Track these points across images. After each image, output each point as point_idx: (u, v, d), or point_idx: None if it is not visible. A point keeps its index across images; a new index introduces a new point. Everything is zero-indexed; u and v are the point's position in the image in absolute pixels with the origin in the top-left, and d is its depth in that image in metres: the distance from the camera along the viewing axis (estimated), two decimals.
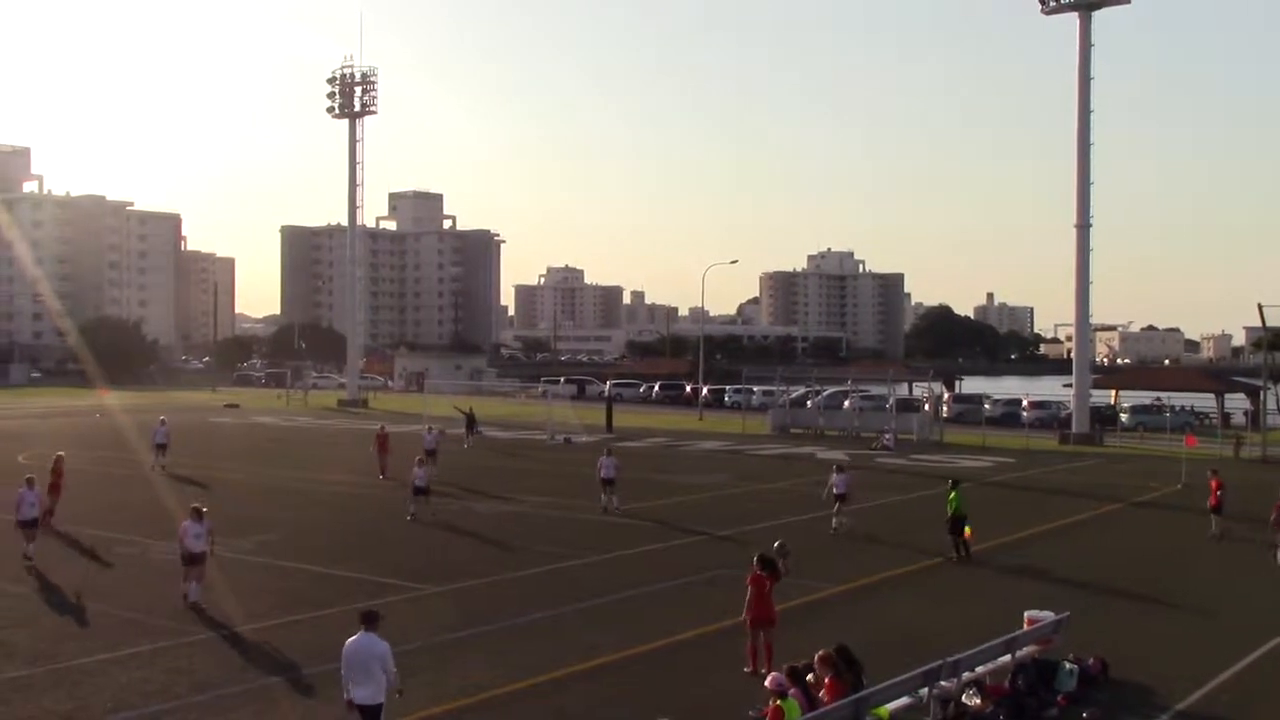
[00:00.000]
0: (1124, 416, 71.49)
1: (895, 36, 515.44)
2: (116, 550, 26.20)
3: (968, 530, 26.98)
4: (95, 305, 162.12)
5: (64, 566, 24.54)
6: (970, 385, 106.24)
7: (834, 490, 30.57)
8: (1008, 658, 15.75)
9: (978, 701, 15.06)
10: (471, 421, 55.90)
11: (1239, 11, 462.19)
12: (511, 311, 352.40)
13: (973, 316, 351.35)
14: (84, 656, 17.46)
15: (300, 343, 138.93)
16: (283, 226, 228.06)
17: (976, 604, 22.16)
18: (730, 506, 33.97)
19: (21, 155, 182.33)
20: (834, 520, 30.40)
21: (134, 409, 73.18)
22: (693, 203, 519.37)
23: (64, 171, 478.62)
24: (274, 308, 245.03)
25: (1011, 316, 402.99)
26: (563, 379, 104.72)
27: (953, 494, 27.32)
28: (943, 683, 14.34)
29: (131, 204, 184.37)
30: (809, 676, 13.55)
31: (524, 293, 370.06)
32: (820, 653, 13.99)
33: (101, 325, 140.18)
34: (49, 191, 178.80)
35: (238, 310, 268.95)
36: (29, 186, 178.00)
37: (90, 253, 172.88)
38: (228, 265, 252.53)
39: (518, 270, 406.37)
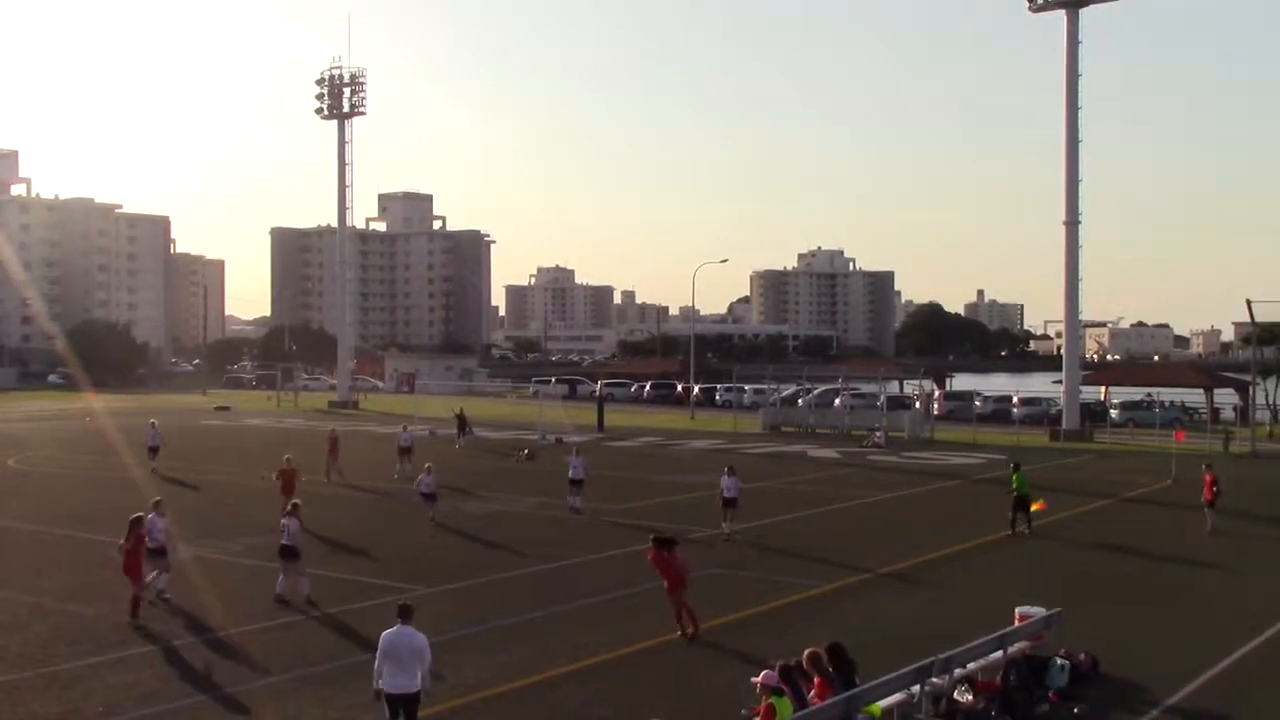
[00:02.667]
0: (1114, 412, 71.65)
1: (884, 35, 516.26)
2: (109, 554, 26.09)
3: (1036, 504, 30.02)
4: (84, 308, 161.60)
5: (56, 571, 24.48)
6: (961, 382, 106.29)
7: (724, 493, 28.80)
8: (999, 654, 15.77)
9: (969, 698, 15.09)
10: (463, 422, 55.82)
11: (1227, 7, 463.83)
12: (502, 312, 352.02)
13: (963, 314, 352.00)
14: (75, 660, 17.42)
15: (290, 345, 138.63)
16: (272, 228, 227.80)
17: (968, 600, 22.21)
18: (706, 502, 33.86)
19: (9, 158, 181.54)
20: (724, 527, 28.69)
21: (123, 412, 73.02)
22: (683, 202, 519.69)
23: (52, 174, 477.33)
24: (264, 310, 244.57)
25: (1002, 313, 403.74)
26: (554, 379, 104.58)
27: (1016, 475, 30.12)
28: (934, 679, 14.36)
29: (120, 206, 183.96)
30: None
31: (515, 293, 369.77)
32: (807, 651, 14.00)
33: (90, 328, 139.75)
34: (37, 194, 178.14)
35: (228, 312, 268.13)
36: (17, 189, 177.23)
37: (79, 255, 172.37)
38: (217, 267, 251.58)
39: (508, 270, 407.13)
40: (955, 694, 14.97)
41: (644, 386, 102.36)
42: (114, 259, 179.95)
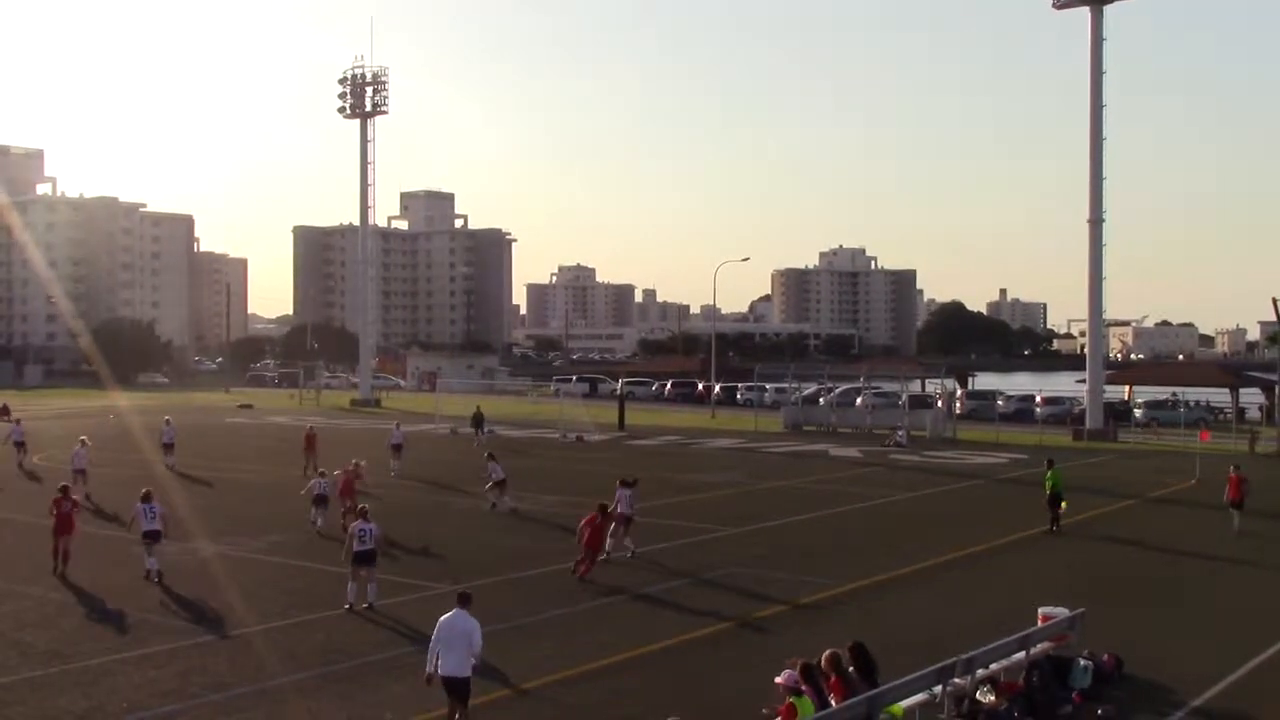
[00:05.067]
0: (1138, 412, 71.28)
1: (907, 32, 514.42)
2: (131, 550, 26.25)
3: (1063, 504, 30.49)
4: (108, 306, 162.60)
5: (80, 569, 24.64)
6: (983, 381, 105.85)
7: (616, 507, 25.78)
8: (1022, 654, 15.69)
9: (992, 699, 15.01)
10: (479, 420, 56.04)
11: (1253, 4, 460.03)
12: (523, 310, 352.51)
13: (985, 313, 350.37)
14: (99, 657, 17.52)
15: (313, 343, 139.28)
16: (295, 227, 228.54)
17: (991, 601, 22.11)
18: (743, 504, 33.92)
19: (35, 158, 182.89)
20: (624, 544, 25.90)
21: (146, 410, 73.42)
22: (704, 200, 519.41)
23: (77, 174, 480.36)
24: (286, 308, 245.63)
25: (1024, 312, 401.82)
26: (575, 377, 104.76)
27: (1050, 473, 30.71)
28: (956, 680, 14.30)
29: (144, 205, 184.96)
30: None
31: (535, 291, 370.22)
32: (827, 652, 13.96)
33: (115, 326, 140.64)
34: (62, 193, 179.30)
35: (250, 311, 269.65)
36: (43, 189, 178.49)
37: (103, 254, 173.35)
38: (240, 266, 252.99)
39: (529, 269, 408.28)
40: (977, 694, 14.89)
41: (665, 385, 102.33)
42: (138, 258, 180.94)
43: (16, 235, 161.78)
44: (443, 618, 13.98)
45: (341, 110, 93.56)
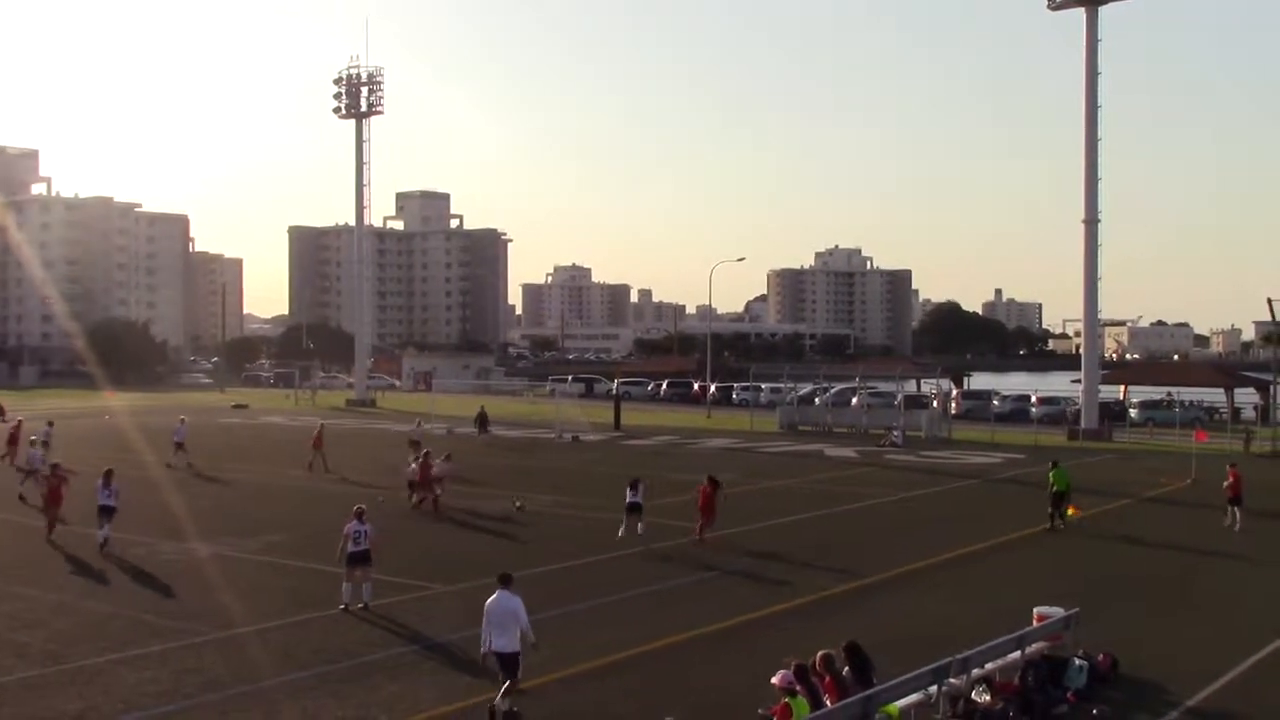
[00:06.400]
0: (1133, 412, 71.30)
1: (901, 33, 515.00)
2: (131, 552, 26.28)
3: (1071, 509, 31.13)
4: (104, 307, 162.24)
5: (77, 570, 24.62)
6: (979, 381, 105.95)
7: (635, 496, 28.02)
8: (1017, 654, 15.71)
9: (987, 698, 15.03)
10: (483, 420, 56.28)
11: (1248, 5, 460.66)
12: (519, 310, 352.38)
13: (981, 313, 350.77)
14: (94, 657, 17.49)
15: (308, 343, 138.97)
16: (290, 227, 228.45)
17: (986, 600, 22.12)
18: (738, 504, 33.83)
19: (30, 157, 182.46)
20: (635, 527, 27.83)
21: (142, 410, 73.34)
22: (700, 201, 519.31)
23: (72, 173, 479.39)
24: (282, 308, 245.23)
25: (1020, 312, 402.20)
26: (570, 377, 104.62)
27: (1054, 472, 30.93)
28: (952, 680, 14.31)
29: (139, 205, 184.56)
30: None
31: (531, 291, 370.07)
32: (820, 653, 13.97)
33: (110, 327, 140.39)
34: (57, 193, 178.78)
35: (246, 311, 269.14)
36: (37, 188, 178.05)
37: (99, 254, 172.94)
38: (236, 266, 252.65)
39: (525, 269, 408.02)
40: (973, 694, 14.91)
41: (661, 385, 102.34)
42: (133, 258, 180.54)
43: (12, 235, 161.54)
44: (489, 600, 14.98)
45: (337, 110, 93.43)
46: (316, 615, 20.24)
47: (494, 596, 15.01)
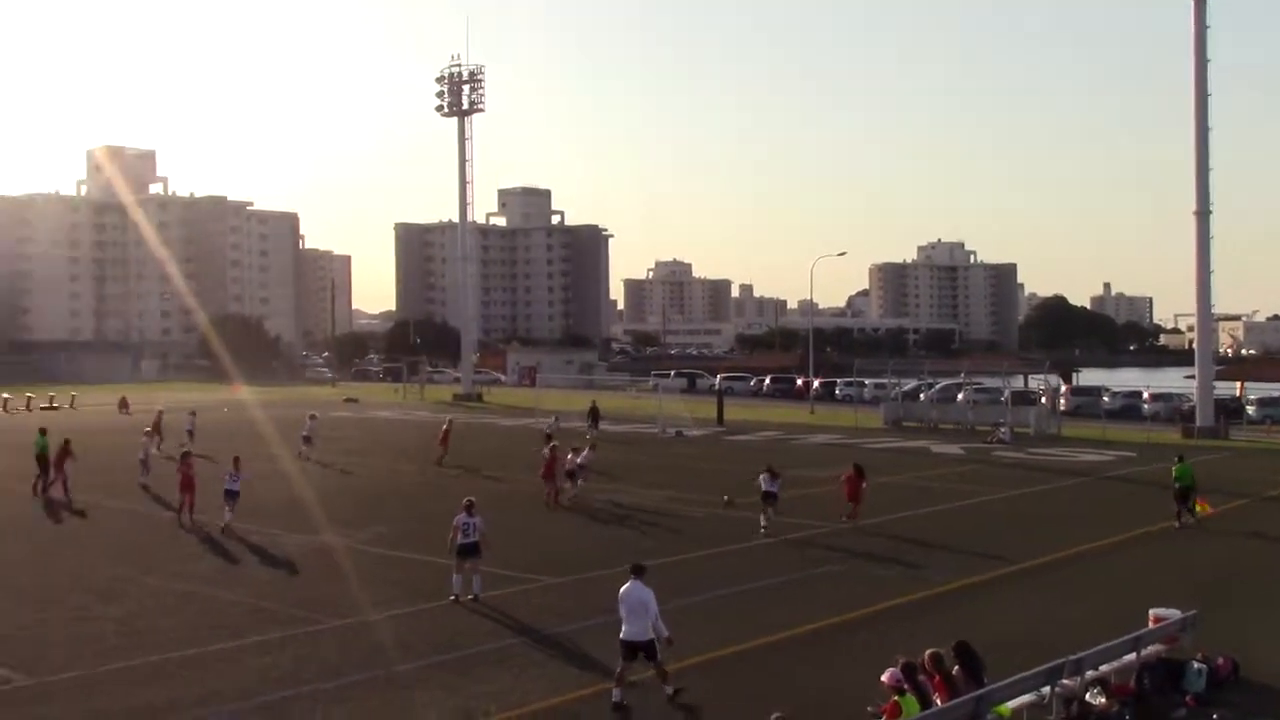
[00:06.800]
0: (1250, 409, 69.18)
1: (1008, 22, 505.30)
2: (250, 539, 27.10)
3: (1202, 505, 30.79)
4: (219, 303, 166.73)
5: (201, 558, 25.45)
6: (1088, 377, 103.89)
7: (762, 488, 29.27)
8: (1133, 656, 15.42)
9: (1102, 700, 14.78)
10: (595, 414, 56.81)
11: None
12: (621, 305, 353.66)
13: (1089, 307, 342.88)
14: (217, 643, 18.07)
15: (415, 338, 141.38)
16: (396, 224, 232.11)
17: (1100, 601, 21.69)
18: (844, 501, 33.61)
19: (147, 158, 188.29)
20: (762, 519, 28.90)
21: (265, 404, 75.28)
22: (801, 195, 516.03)
23: (188, 174, 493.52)
24: (389, 304, 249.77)
25: (1130, 307, 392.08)
26: (673, 372, 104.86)
27: (1178, 467, 30.76)
28: (1065, 681, 14.11)
29: (251, 204, 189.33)
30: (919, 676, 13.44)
31: (633, 287, 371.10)
32: (929, 651, 13.86)
33: (227, 322, 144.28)
34: (174, 193, 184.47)
35: (354, 307, 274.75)
36: (155, 188, 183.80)
37: (213, 251, 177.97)
38: (344, 263, 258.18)
39: (626, 264, 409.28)
40: (1087, 696, 14.68)
41: (763, 380, 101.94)
42: (246, 255, 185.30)
43: (132, 233, 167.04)
44: (622, 589, 15.41)
45: (439, 109, 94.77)
46: (427, 605, 20.64)
47: (627, 585, 15.41)
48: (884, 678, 13.03)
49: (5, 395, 78.24)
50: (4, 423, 66.00)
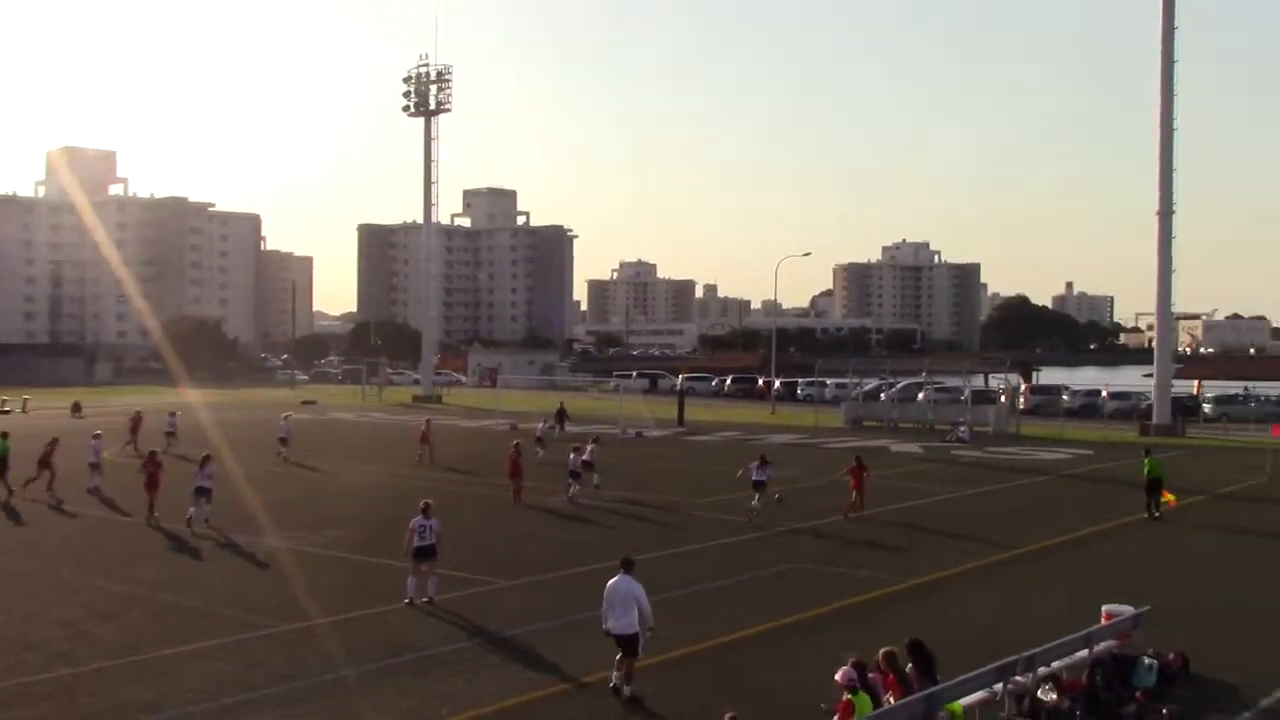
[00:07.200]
0: (1207, 407, 69.95)
1: (968, 20, 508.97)
2: (205, 543, 26.80)
3: (1167, 495, 31.44)
4: (177, 304, 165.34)
5: (147, 561, 25.11)
6: (1048, 376, 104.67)
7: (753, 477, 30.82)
8: (1085, 652, 15.47)
9: (1054, 697, 14.80)
10: (562, 415, 56.80)
11: None
12: (584, 306, 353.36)
13: (1051, 306, 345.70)
14: (166, 648, 17.81)
15: (376, 339, 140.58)
16: (359, 225, 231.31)
17: (1052, 598, 21.81)
18: (801, 500, 33.70)
19: (107, 158, 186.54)
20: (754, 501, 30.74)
21: (215, 406, 74.52)
22: (765, 196, 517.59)
23: (148, 174, 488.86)
24: (351, 305, 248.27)
25: (1091, 306, 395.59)
26: (635, 373, 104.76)
27: (1148, 461, 32.01)
28: (1018, 678, 14.12)
29: (213, 205, 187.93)
30: (871, 673, 13.40)
31: (596, 287, 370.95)
32: (883, 650, 13.85)
33: (184, 324, 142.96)
34: (134, 193, 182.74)
35: (316, 308, 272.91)
36: (115, 189, 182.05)
37: (173, 253, 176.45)
38: (306, 264, 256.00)
39: (590, 265, 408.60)
40: (1039, 693, 14.70)
41: (725, 381, 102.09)
42: (207, 256, 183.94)
43: (90, 234, 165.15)
44: (609, 583, 15.63)
45: (406, 109, 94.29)
46: (380, 609, 20.45)
47: (615, 579, 15.63)
48: (837, 676, 12.98)
49: None
50: None
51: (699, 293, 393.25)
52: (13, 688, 15.89)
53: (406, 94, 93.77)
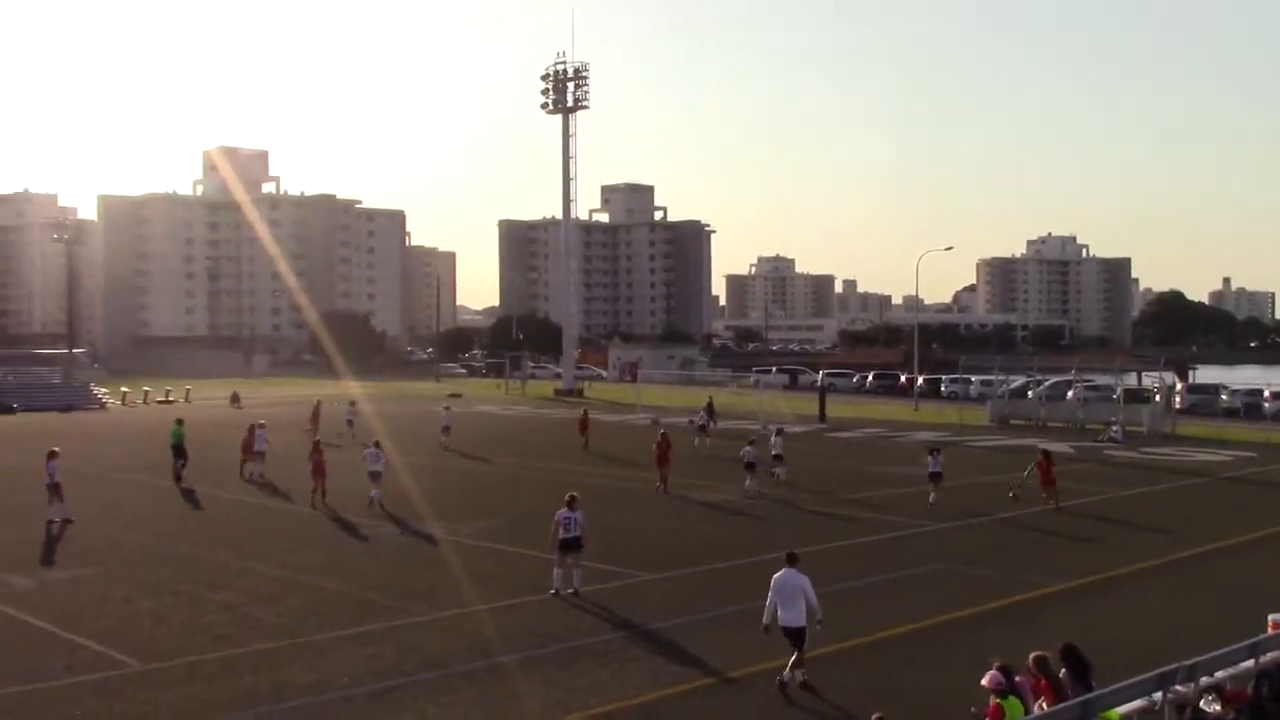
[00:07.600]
0: None
1: (1119, 13, 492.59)
2: (361, 531, 27.67)
3: None
4: (327, 299, 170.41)
5: (307, 548, 25.97)
6: (1205, 375, 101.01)
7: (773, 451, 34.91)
8: (1250, 663, 14.89)
9: (1217, 708, 14.27)
10: (712, 410, 56.64)
11: None
12: (723, 301, 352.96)
13: (1207, 302, 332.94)
14: (322, 633, 18.42)
15: (518, 333, 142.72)
16: (500, 220, 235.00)
17: (1215, 605, 21.00)
18: (947, 499, 33.14)
19: (260, 158, 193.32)
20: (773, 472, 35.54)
21: (373, 398, 76.61)
22: (906, 188, 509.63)
23: (298, 173, 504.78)
24: (493, 299, 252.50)
25: (1251, 302, 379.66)
26: (774, 368, 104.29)
27: None
28: (1178, 687, 13.67)
29: (360, 202, 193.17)
30: (1019, 678, 13.11)
31: (735, 282, 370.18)
32: (1034, 654, 13.53)
33: (335, 317, 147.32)
34: (285, 192, 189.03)
35: (459, 302, 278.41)
36: (267, 187, 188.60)
37: (323, 248, 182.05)
38: (449, 259, 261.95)
39: (728, 260, 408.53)
40: (1201, 703, 14.20)
41: (866, 377, 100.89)
42: (355, 252, 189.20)
43: (245, 231, 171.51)
44: (775, 576, 15.78)
45: (544, 106, 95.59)
46: (528, 599, 20.78)
47: (781, 573, 15.78)
48: (984, 680, 12.74)
49: (125, 389, 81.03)
50: (125, 416, 68.22)
51: (838, 288, 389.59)
52: (180, 666, 16.62)
53: (544, 91, 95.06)
